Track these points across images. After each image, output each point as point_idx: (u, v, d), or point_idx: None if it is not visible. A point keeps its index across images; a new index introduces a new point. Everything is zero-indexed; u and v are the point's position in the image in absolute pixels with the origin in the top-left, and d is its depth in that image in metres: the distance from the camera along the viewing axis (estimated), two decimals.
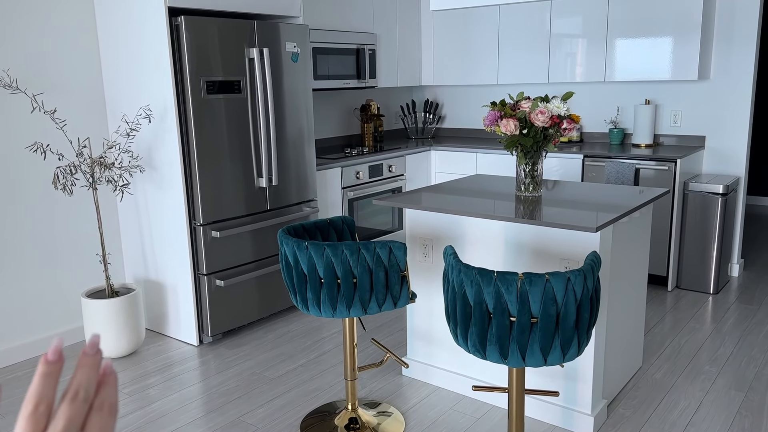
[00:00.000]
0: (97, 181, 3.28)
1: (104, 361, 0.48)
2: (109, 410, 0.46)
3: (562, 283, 1.87)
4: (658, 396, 2.94)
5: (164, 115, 3.35)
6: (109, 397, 0.46)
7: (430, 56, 5.52)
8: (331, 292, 2.38)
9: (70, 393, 0.45)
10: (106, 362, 0.48)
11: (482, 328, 1.96)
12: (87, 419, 0.45)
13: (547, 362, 1.95)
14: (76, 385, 0.45)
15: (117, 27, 3.48)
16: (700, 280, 4.31)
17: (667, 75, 4.33)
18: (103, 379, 0.47)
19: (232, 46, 3.47)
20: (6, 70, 3.22)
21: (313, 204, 4.13)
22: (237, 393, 3.05)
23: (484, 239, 2.80)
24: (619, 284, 2.78)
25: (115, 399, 0.47)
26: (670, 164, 4.17)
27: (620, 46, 4.49)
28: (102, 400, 0.46)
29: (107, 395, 0.46)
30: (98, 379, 0.46)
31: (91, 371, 0.46)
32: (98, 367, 0.46)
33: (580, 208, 2.62)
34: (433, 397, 2.98)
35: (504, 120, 2.71)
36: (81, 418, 0.44)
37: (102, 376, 0.47)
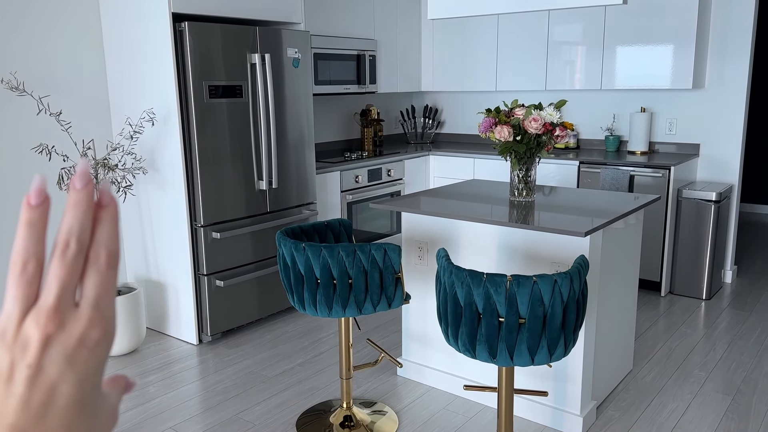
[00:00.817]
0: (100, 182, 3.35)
1: (101, 187, 0.39)
2: (108, 260, 0.39)
3: (549, 285, 1.93)
4: (647, 398, 3.00)
5: (167, 118, 3.42)
6: (107, 242, 0.39)
7: (430, 62, 5.59)
8: (327, 293, 2.45)
9: (59, 246, 0.38)
10: (101, 191, 0.40)
11: (472, 328, 2.03)
12: (84, 275, 0.38)
13: (534, 362, 2.02)
14: (65, 233, 0.38)
15: (122, 32, 3.56)
16: (693, 286, 4.37)
17: (663, 84, 4.40)
18: (98, 215, 0.39)
19: (235, 51, 3.55)
20: (13, 72, 3.29)
21: (312, 207, 4.20)
22: (235, 391, 3.12)
23: (478, 243, 2.86)
24: (609, 288, 2.85)
25: (113, 243, 0.39)
26: (664, 171, 4.24)
27: (617, 55, 4.57)
28: (98, 248, 0.38)
29: (104, 239, 0.39)
30: (93, 218, 0.39)
31: (83, 211, 0.38)
32: (91, 204, 0.38)
33: (571, 214, 2.69)
34: (427, 396, 3.04)
35: (498, 127, 2.78)
36: (76, 275, 0.38)
37: (96, 212, 0.39)
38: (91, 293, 0.39)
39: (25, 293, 0.38)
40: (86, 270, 0.39)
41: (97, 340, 0.38)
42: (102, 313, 0.39)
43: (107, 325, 0.39)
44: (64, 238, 0.38)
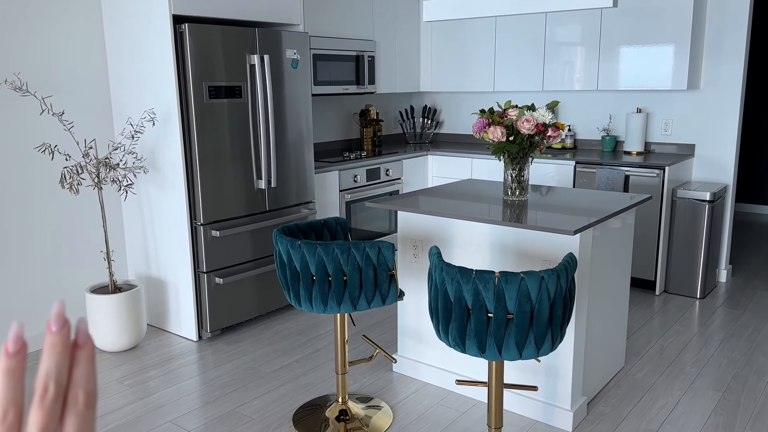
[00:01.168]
0: (102, 181, 3.41)
1: (77, 327, 0.40)
2: (86, 401, 0.39)
3: (536, 281, 1.99)
4: (638, 394, 3.05)
5: (168, 118, 3.49)
6: (85, 383, 0.39)
7: (429, 63, 5.65)
8: (323, 289, 2.51)
9: (38, 390, 0.38)
10: (78, 330, 0.40)
11: (462, 324, 2.09)
12: (63, 418, 0.39)
13: (522, 356, 2.07)
14: (43, 376, 0.38)
15: (123, 33, 3.62)
16: (687, 285, 4.41)
17: (659, 85, 4.45)
18: (75, 356, 0.39)
19: (234, 52, 3.61)
20: (17, 73, 3.36)
21: (311, 206, 4.26)
22: (233, 386, 3.18)
23: (471, 241, 2.92)
24: (600, 286, 2.90)
25: (91, 383, 0.39)
26: (659, 171, 4.29)
27: (613, 56, 4.62)
28: (76, 389, 0.39)
29: (81, 379, 0.39)
30: (69, 360, 0.39)
31: (59, 353, 0.39)
32: (67, 346, 0.39)
33: (563, 212, 2.74)
34: (421, 392, 3.10)
35: (491, 127, 2.84)
36: (56, 418, 0.38)
37: (73, 352, 0.39)
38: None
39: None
40: (65, 413, 0.38)
41: None
42: None
43: None
44: (43, 381, 0.38)
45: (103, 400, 3.06)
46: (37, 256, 3.57)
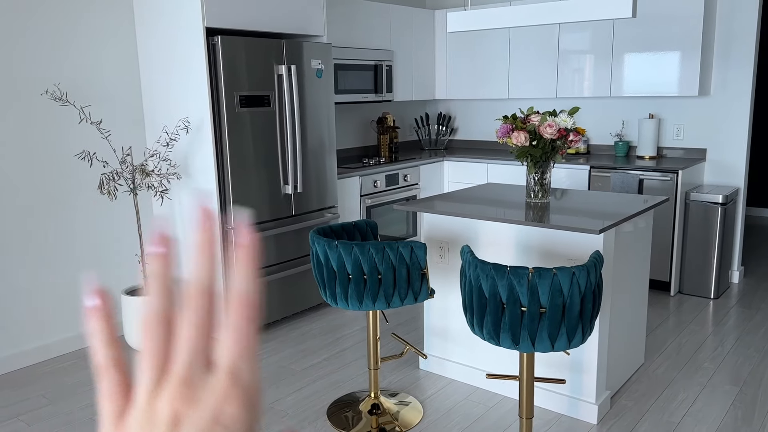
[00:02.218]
0: (137, 187, 3.55)
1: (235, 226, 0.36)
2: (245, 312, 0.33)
3: (567, 277, 2.11)
4: (659, 389, 3.16)
5: (201, 126, 3.63)
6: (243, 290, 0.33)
7: (444, 72, 5.79)
8: (359, 287, 2.63)
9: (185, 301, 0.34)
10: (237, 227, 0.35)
11: (496, 318, 2.21)
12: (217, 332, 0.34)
13: (554, 348, 2.19)
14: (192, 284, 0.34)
15: (156, 46, 3.77)
16: (701, 286, 4.52)
17: (670, 91, 4.57)
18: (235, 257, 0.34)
19: (263, 63, 3.75)
20: (57, 84, 3.51)
21: (333, 210, 4.39)
22: (266, 383, 3.30)
23: (496, 242, 3.04)
24: (621, 285, 3.02)
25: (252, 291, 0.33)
26: (672, 175, 4.40)
27: (625, 63, 4.75)
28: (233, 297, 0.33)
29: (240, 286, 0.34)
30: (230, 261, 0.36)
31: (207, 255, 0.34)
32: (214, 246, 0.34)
33: (585, 213, 2.86)
34: (449, 388, 3.22)
35: (515, 132, 2.97)
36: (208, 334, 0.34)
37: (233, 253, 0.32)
38: (225, 357, 0.33)
39: (153, 361, 0.34)
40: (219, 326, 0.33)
41: (235, 416, 0.32)
42: (240, 382, 0.33)
43: (247, 396, 0.33)
44: (191, 290, 0.33)
45: None
46: (75, 259, 3.71)
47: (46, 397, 3.19)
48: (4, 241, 3.41)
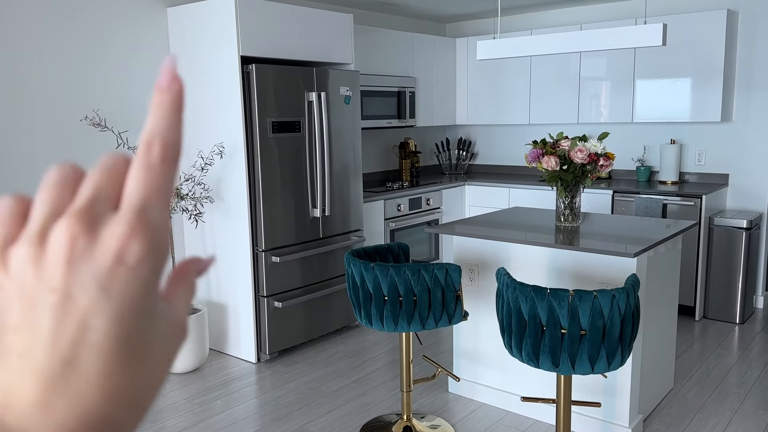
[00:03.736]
0: (171, 210, 3.63)
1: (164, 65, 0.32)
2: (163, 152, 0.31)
3: (608, 299, 2.14)
4: (690, 414, 3.15)
5: (234, 151, 3.71)
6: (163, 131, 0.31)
7: (464, 98, 5.88)
8: (394, 309, 2.67)
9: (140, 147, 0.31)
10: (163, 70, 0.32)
11: (536, 340, 2.24)
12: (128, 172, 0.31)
13: (594, 370, 2.21)
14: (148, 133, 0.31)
15: (191, 72, 3.88)
16: (726, 311, 4.52)
17: (692, 117, 4.63)
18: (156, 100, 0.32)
19: (294, 90, 3.85)
20: (96, 110, 3.61)
21: (359, 233, 4.45)
22: (298, 405, 3.32)
23: (527, 265, 3.08)
24: (652, 309, 3.04)
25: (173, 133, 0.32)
26: (696, 200, 4.44)
27: (646, 89, 4.81)
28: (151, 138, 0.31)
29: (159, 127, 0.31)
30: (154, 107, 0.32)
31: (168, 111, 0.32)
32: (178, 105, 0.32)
33: (616, 237, 2.90)
34: (480, 411, 3.23)
35: (546, 157, 3.02)
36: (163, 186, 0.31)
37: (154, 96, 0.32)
38: (135, 194, 0.30)
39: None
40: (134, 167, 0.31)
41: (139, 256, 0.29)
42: (147, 219, 0.30)
43: (154, 236, 0.30)
44: (146, 138, 0.31)
45: (175, 418, 3.21)
46: None
47: None
48: None
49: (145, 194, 0.30)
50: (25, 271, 0.29)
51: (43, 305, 0.28)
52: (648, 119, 4.84)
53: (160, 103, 0.31)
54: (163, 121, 0.31)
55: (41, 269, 0.29)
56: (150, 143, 0.31)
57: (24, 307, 0.29)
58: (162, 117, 0.31)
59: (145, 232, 0.29)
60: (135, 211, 0.29)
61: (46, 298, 0.28)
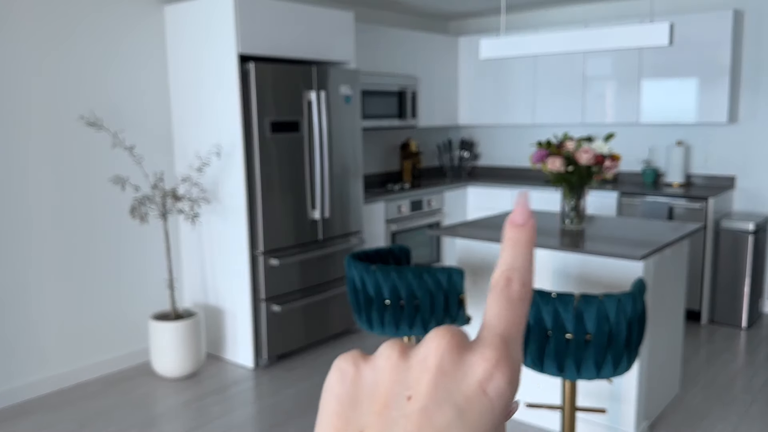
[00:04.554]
0: (168, 212, 3.56)
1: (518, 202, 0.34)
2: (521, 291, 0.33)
3: (614, 303, 2.07)
4: (696, 420, 3.08)
5: (232, 152, 3.65)
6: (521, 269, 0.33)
7: (467, 97, 5.82)
8: (395, 313, 2.60)
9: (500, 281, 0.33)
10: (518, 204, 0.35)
11: (540, 344, 2.17)
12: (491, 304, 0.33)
13: (599, 375, 2.14)
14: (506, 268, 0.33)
15: (188, 72, 3.82)
16: (732, 315, 4.44)
17: (698, 118, 4.56)
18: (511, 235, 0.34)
19: (293, 89, 3.79)
20: (91, 110, 3.55)
21: (359, 236, 4.38)
22: (296, 411, 3.26)
23: None
24: (658, 314, 2.96)
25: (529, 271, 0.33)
26: (702, 202, 4.36)
27: (652, 90, 4.75)
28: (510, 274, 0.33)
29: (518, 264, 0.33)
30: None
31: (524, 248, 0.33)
32: (531, 242, 0.33)
33: (622, 240, 2.83)
34: None
35: (551, 158, 2.96)
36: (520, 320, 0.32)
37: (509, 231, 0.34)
38: (499, 324, 0.31)
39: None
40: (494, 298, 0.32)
41: (501, 388, 0.29)
42: (510, 353, 0.30)
43: (514, 371, 0.30)
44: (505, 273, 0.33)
45: (171, 424, 3.15)
46: (104, 283, 3.71)
47: (76, 422, 3.17)
48: (37, 263, 3.42)
49: (507, 327, 0.31)
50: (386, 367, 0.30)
51: (398, 408, 0.29)
52: (654, 120, 4.77)
53: (518, 240, 0.33)
54: (520, 259, 0.33)
55: (403, 372, 0.30)
56: (510, 278, 0.32)
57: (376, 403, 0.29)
58: (520, 254, 0.33)
59: (509, 364, 0.30)
60: (502, 340, 0.30)
61: (402, 402, 0.29)
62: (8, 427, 3.13)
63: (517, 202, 0.34)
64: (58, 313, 3.53)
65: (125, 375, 3.77)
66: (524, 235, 0.33)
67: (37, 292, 3.44)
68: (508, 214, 3.62)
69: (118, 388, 3.57)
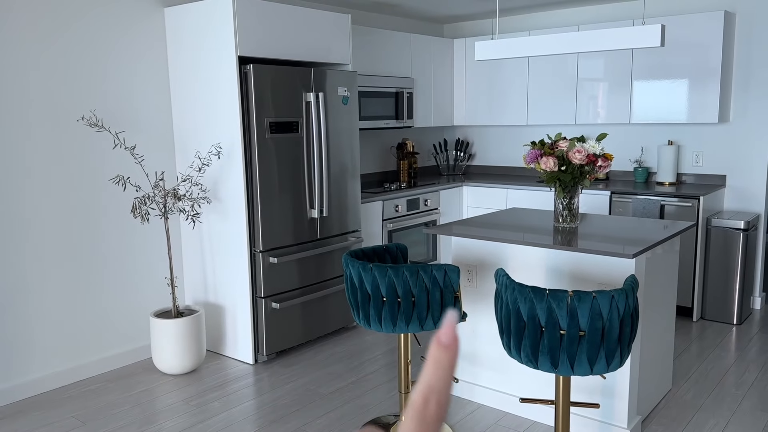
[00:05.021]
0: (169, 211, 3.61)
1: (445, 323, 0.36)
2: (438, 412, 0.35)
3: (607, 300, 2.14)
4: (688, 415, 3.15)
5: (231, 152, 3.70)
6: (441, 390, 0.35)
7: (462, 98, 5.88)
8: (392, 310, 2.66)
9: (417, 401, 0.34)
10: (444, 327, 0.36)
11: (534, 341, 2.23)
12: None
13: (593, 371, 2.21)
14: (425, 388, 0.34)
15: (188, 73, 3.87)
16: (723, 312, 4.52)
17: (689, 118, 4.63)
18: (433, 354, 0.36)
19: (292, 90, 3.84)
20: (92, 110, 3.60)
21: (357, 234, 4.44)
22: (295, 406, 3.31)
23: (525, 266, 3.07)
24: (650, 310, 3.03)
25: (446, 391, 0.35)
26: (694, 201, 4.44)
27: (644, 90, 4.82)
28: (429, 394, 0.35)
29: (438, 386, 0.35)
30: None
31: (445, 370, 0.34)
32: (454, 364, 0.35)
33: (614, 238, 2.89)
34: (478, 413, 3.22)
35: (544, 158, 3.02)
36: None
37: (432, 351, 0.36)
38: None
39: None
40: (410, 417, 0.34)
41: None
42: None
43: None
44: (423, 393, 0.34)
45: (173, 420, 3.20)
46: (105, 281, 3.76)
47: (77, 419, 3.22)
48: (39, 262, 3.47)
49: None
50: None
51: None
52: (645, 120, 4.84)
53: (440, 361, 0.34)
54: (441, 381, 0.34)
55: None
56: (427, 399, 0.33)
57: None
58: (441, 377, 0.34)
59: None
60: None
61: None
62: (10, 424, 3.17)
63: (446, 322, 0.35)
64: (59, 311, 3.58)
65: (127, 372, 3.82)
66: (447, 358, 0.34)
67: (39, 290, 3.49)
68: (502, 212, 3.68)
69: (119, 385, 3.62)
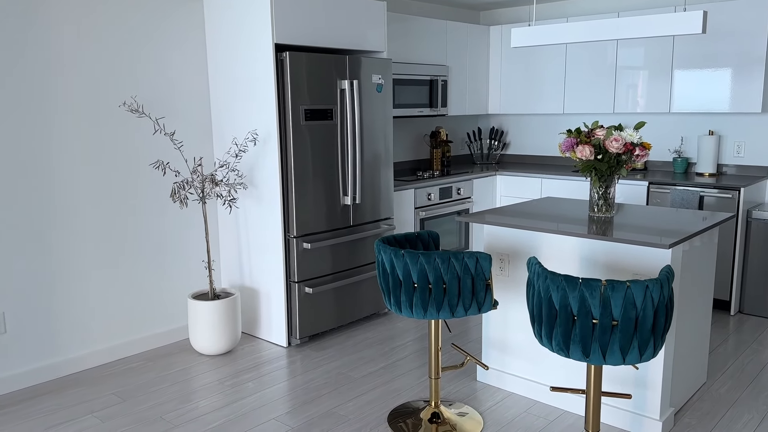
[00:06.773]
0: (206, 196, 3.69)
1: None
2: None
3: (641, 290, 2.12)
4: (723, 409, 3.11)
5: (267, 138, 3.76)
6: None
7: (497, 87, 5.83)
8: (424, 296, 2.69)
9: None
10: None
11: (566, 329, 2.23)
12: None
13: (625, 361, 2.20)
14: None
15: (226, 61, 3.93)
16: (762, 306, 4.42)
17: (731, 107, 4.52)
18: None
19: (327, 78, 3.87)
20: (134, 96, 3.69)
21: (389, 222, 4.46)
22: (327, 389, 3.37)
23: (558, 255, 3.06)
24: (686, 302, 2.99)
25: None
26: (734, 192, 4.34)
27: (684, 79, 4.71)
28: None
29: None
30: None
31: None
32: None
33: (650, 229, 2.86)
34: (508, 401, 3.23)
35: (580, 146, 2.99)
36: None
37: None
38: None
39: None
40: None
41: None
42: None
43: None
44: None
45: (208, 399, 3.29)
46: (145, 264, 3.87)
47: (117, 395, 3.33)
48: (80, 244, 3.59)
49: None
50: None
51: None
52: (686, 109, 4.74)
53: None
54: None
55: None
56: None
57: None
58: None
59: None
60: None
61: None
62: (54, 398, 3.31)
63: None
64: (102, 292, 3.70)
65: (165, 351, 3.93)
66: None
67: (83, 273, 3.61)
68: (536, 201, 3.66)
69: (158, 364, 3.73)
